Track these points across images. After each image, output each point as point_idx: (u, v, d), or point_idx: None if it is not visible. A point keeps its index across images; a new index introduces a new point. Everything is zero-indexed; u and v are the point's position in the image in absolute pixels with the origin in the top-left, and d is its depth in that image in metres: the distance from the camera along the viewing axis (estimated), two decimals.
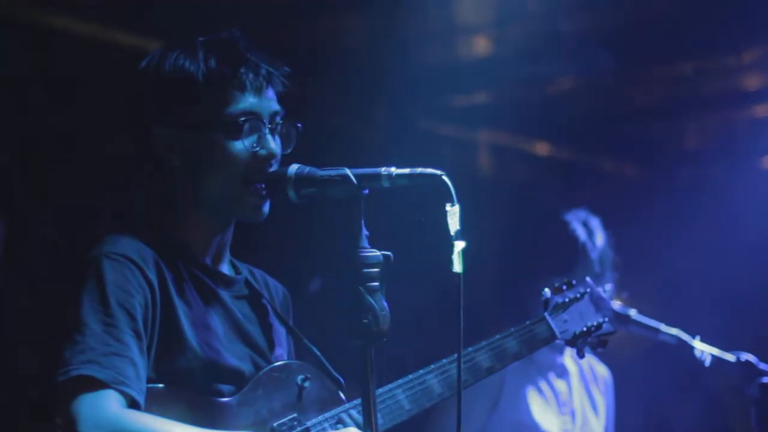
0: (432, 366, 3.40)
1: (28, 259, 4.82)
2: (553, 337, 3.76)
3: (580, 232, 4.85)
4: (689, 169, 6.62)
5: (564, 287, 3.87)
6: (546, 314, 3.77)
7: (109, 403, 2.80)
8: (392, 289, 2.94)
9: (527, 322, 3.72)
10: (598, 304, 3.90)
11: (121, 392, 2.82)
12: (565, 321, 3.80)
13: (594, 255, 4.83)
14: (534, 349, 3.73)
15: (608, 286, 4.79)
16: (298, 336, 3.37)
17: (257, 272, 3.41)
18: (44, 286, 4.51)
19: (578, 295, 3.87)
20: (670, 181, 6.64)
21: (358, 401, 3.16)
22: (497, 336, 3.62)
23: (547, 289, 3.85)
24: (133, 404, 2.84)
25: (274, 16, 5.52)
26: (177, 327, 3.01)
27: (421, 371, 3.38)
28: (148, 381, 2.93)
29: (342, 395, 3.28)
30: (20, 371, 4.50)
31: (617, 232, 5.05)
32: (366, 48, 6.06)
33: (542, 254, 4.85)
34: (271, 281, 3.44)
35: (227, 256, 3.29)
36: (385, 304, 2.91)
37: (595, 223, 4.92)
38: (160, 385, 2.95)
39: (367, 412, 2.93)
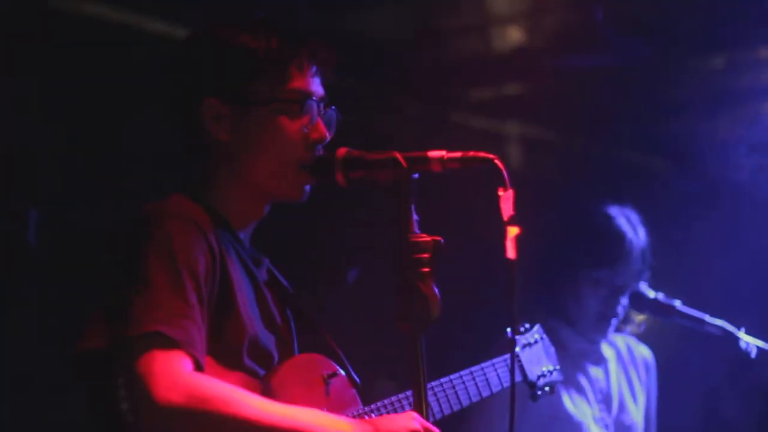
0: (434, 383, 3.39)
1: (59, 247, 4.77)
2: (525, 376, 3.82)
3: (625, 227, 4.80)
4: (724, 163, 6.55)
5: (522, 329, 3.91)
6: (518, 353, 3.81)
7: (183, 363, 2.71)
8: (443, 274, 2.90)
9: (503, 357, 3.70)
10: (549, 351, 3.96)
11: (190, 355, 2.74)
12: (531, 362, 3.86)
13: (636, 252, 4.79)
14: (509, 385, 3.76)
15: (644, 285, 4.77)
16: (320, 333, 3.30)
17: (266, 260, 3.33)
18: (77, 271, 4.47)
19: (535, 341, 3.92)
20: (705, 176, 6.58)
21: (379, 404, 3.18)
22: (483, 364, 3.61)
23: (509, 330, 3.84)
24: (198, 369, 2.76)
25: (306, 7, 5.48)
26: (232, 299, 2.95)
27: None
28: None
29: (358, 397, 3.22)
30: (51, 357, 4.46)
31: (656, 227, 5.01)
32: (397, 39, 6.03)
33: (586, 248, 4.79)
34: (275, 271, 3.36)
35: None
36: (436, 289, 2.88)
37: (637, 218, 4.87)
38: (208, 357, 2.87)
39: (418, 399, 2.89)
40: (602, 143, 6.89)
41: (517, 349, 3.80)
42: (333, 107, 3.21)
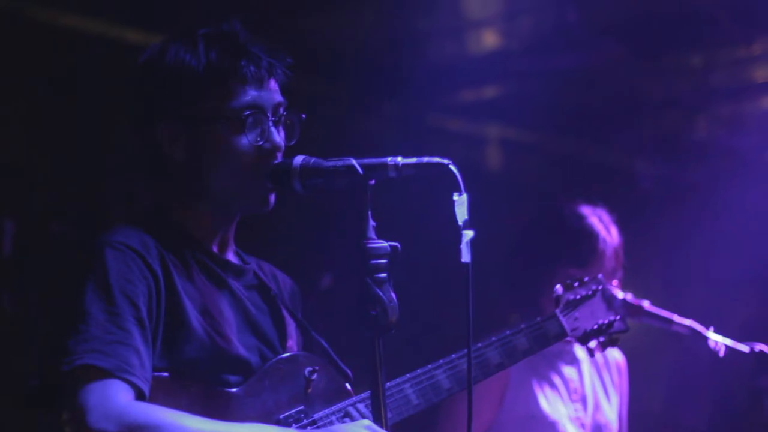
0: (441, 361, 3.37)
1: (38, 256, 4.80)
2: (564, 334, 3.75)
3: (598, 226, 4.81)
4: (699, 163, 6.58)
5: (576, 284, 3.85)
6: (557, 311, 3.76)
7: (117, 393, 2.77)
8: (400, 280, 2.93)
9: (538, 319, 3.70)
10: (610, 302, 3.89)
11: (127, 381, 2.79)
12: (576, 319, 3.79)
13: (609, 251, 4.80)
14: (544, 347, 3.72)
15: (615, 283, 4.79)
16: (306, 328, 3.34)
17: (265, 265, 3.38)
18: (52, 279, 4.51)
19: (590, 293, 3.85)
20: (680, 175, 6.62)
21: (365, 395, 3.15)
22: (507, 332, 3.59)
23: (559, 286, 3.83)
24: (138, 393, 2.82)
25: (283, 11, 5.51)
26: (183, 316, 2.98)
27: (430, 366, 3.35)
28: (155, 370, 2.90)
29: (350, 388, 3.24)
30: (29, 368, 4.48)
31: (627, 227, 5.04)
32: (375, 43, 6.05)
33: (560, 247, 4.80)
34: (279, 274, 3.41)
35: (232, 246, 3.26)
36: (393, 295, 2.89)
37: (609, 218, 4.88)
38: (165, 374, 2.93)
39: (377, 404, 2.91)
40: (578, 144, 6.93)
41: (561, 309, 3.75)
42: (295, 111, 3.20)
